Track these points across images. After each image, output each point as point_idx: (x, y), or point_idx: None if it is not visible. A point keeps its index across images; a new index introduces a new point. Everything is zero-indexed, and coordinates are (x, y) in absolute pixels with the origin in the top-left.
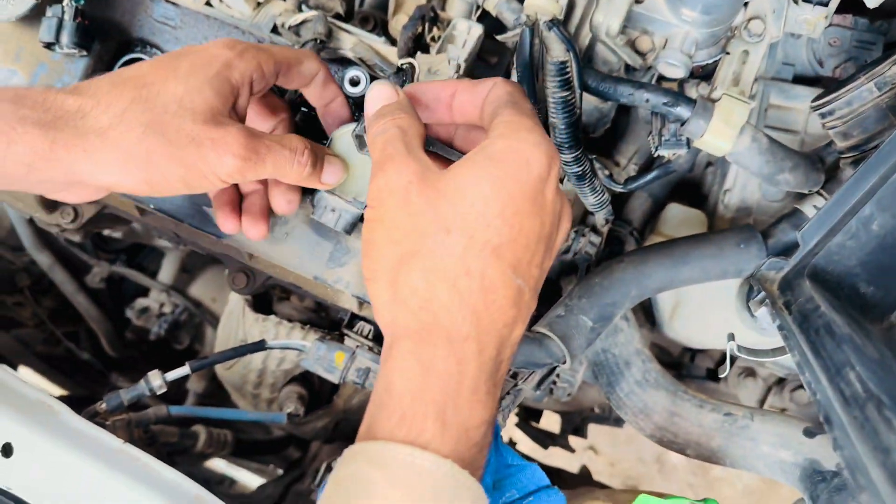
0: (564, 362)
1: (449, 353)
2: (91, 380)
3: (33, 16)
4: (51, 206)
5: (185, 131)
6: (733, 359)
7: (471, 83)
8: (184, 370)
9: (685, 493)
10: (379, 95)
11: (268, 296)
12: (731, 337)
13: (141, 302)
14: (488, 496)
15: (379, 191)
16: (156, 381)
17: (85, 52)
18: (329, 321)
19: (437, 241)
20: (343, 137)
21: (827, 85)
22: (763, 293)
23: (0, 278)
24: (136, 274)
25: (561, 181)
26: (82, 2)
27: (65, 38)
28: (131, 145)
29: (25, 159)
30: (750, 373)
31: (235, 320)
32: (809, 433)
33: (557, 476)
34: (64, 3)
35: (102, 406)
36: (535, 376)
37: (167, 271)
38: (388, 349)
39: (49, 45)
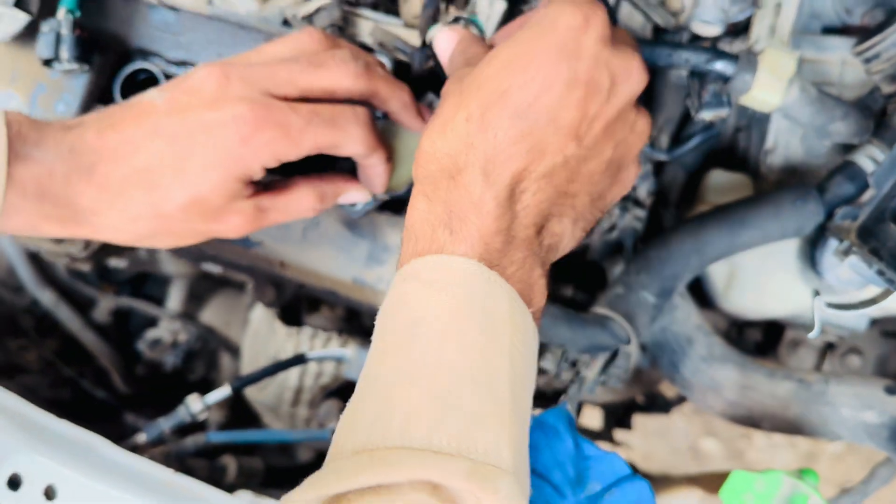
0: (629, 342)
1: (449, 184)
2: (104, 420)
3: (26, 35)
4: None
5: (191, 230)
6: (817, 316)
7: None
8: (224, 391)
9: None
10: (449, 38)
11: (296, 308)
12: (817, 293)
13: (152, 333)
14: (570, 490)
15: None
16: (195, 405)
17: (86, 67)
18: (363, 329)
19: (447, 102)
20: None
21: (856, 34)
22: (847, 242)
23: (2, 322)
24: (145, 304)
25: None
26: (79, 13)
27: (64, 52)
28: (140, 241)
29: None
30: (800, 342)
31: (263, 338)
32: (891, 390)
33: None
34: (60, 16)
35: (142, 437)
36: (597, 362)
37: (175, 298)
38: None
39: (48, 62)
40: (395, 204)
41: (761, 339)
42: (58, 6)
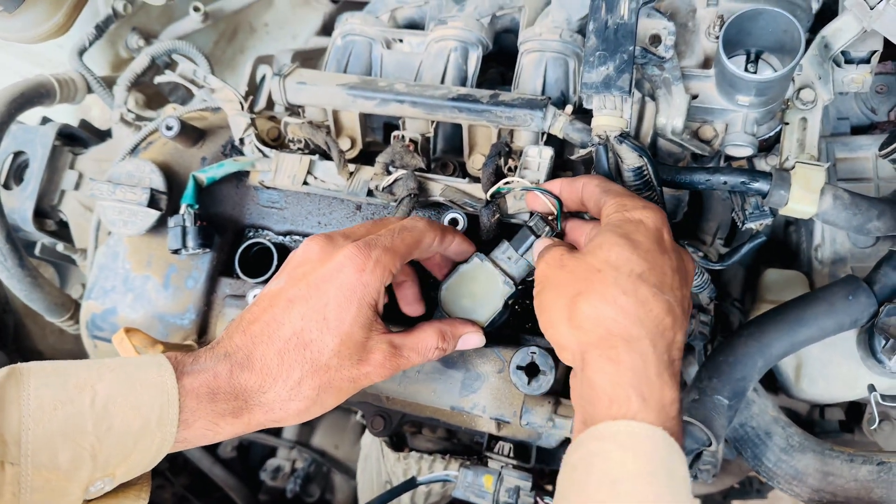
0: (710, 445)
1: (629, 348)
2: None
3: (158, 225)
4: None
5: (346, 377)
6: (876, 409)
7: (568, 180)
8: None
9: None
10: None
11: (401, 434)
12: (872, 388)
13: (272, 463)
14: None
15: (542, 268)
16: None
17: (208, 249)
18: (463, 446)
19: (591, 280)
20: (463, 274)
21: (884, 129)
22: (892, 340)
23: None
24: (264, 436)
25: None
26: (197, 206)
27: (190, 242)
28: (308, 406)
29: (227, 437)
30: (884, 417)
31: (374, 462)
32: None
33: None
34: (182, 212)
35: None
36: None
37: (290, 428)
38: (579, 365)
39: (177, 251)
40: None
41: (845, 417)
42: (180, 203)
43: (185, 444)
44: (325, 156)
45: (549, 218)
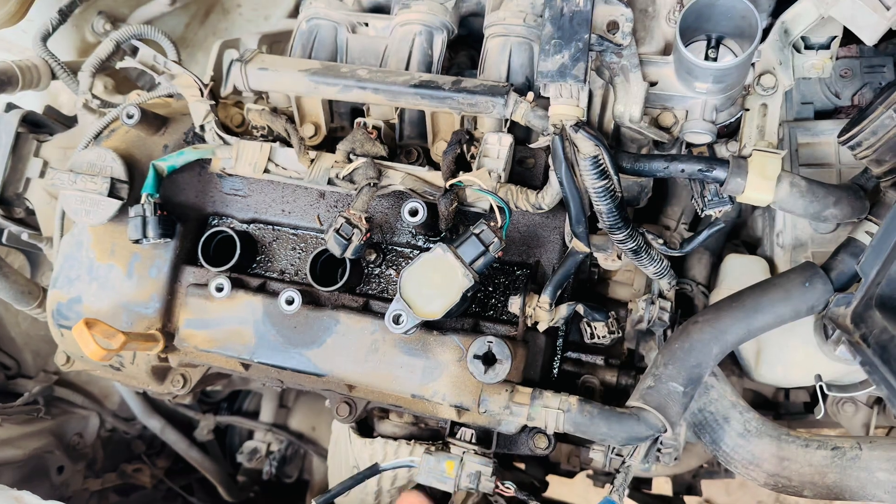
0: (665, 431)
1: None
2: None
3: (121, 215)
4: (161, 377)
5: None
6: (825, 397)
7: None
8: None
9: None
10: None
11: (369, 418)
12: (819, 378)
13: (249, 445)
14: None
15: None
16: None
17: (169, 239)
18: (430, 431)
19: None
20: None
21: (848, 114)
22: (838, 331)
23: (118, 449)
24: (241, 419)
25: (619, 258)
26: (157, 196)
27: (150, 231)
28: None
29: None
30: (846, 399)
31: (343, 448)
32: None
33: None
34: (143, 202)
35: None
36: (640, 450)
37: (267, 410)
38: None
39: (138, 241)
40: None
41: (810, 399)
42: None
43: None
44: (287, 143)
45: (496, 226)
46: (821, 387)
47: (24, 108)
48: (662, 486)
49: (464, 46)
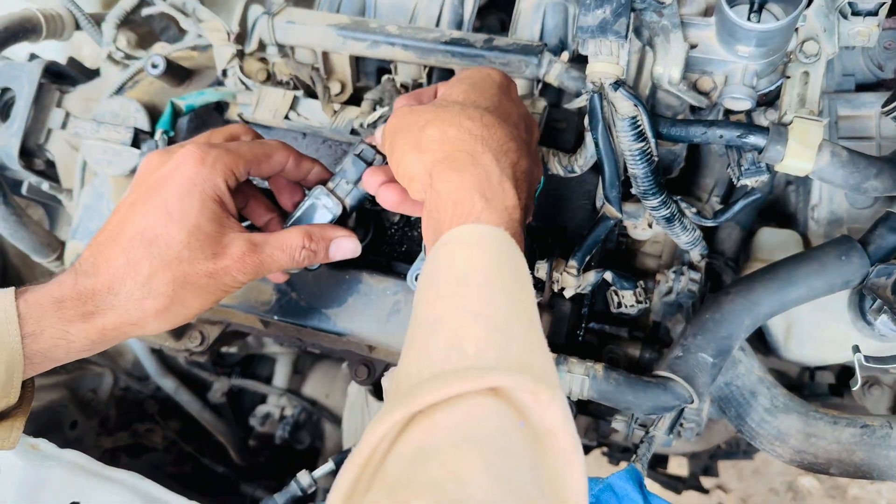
0: (692, 402)
1: (473, 161)
2: (223, 492)
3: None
4: (178, 334)
5: (202, 271)
6: (863, 369)
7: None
8: (329, 466)
9: None
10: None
11: None
12: (857, 349)
13: (262, 409)
14: None
15: (391, 121)
16: (305, 480)
17: None
18: None
19: (437, 111)
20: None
21: (890, 87)
22: (879, 301)
23: (131, 408)
24: (254, 383)
25: (650, 226)
26: (172, 133)
27: None
28: (167, 304)
29: (86, 348)
30: (874, 381)
31: (359, 411)
32: None
33: None
34: (157, 138)
35: None
36: (664, 421)
37: (281, 375)
38: (427, 183)
39: None
40: None
41: (835, 381)
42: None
43: (42, 360)
44: (312, 95)
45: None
46: (858, 358)
47: (47, 59)
48: (676, 469)
49: (494, 9)
